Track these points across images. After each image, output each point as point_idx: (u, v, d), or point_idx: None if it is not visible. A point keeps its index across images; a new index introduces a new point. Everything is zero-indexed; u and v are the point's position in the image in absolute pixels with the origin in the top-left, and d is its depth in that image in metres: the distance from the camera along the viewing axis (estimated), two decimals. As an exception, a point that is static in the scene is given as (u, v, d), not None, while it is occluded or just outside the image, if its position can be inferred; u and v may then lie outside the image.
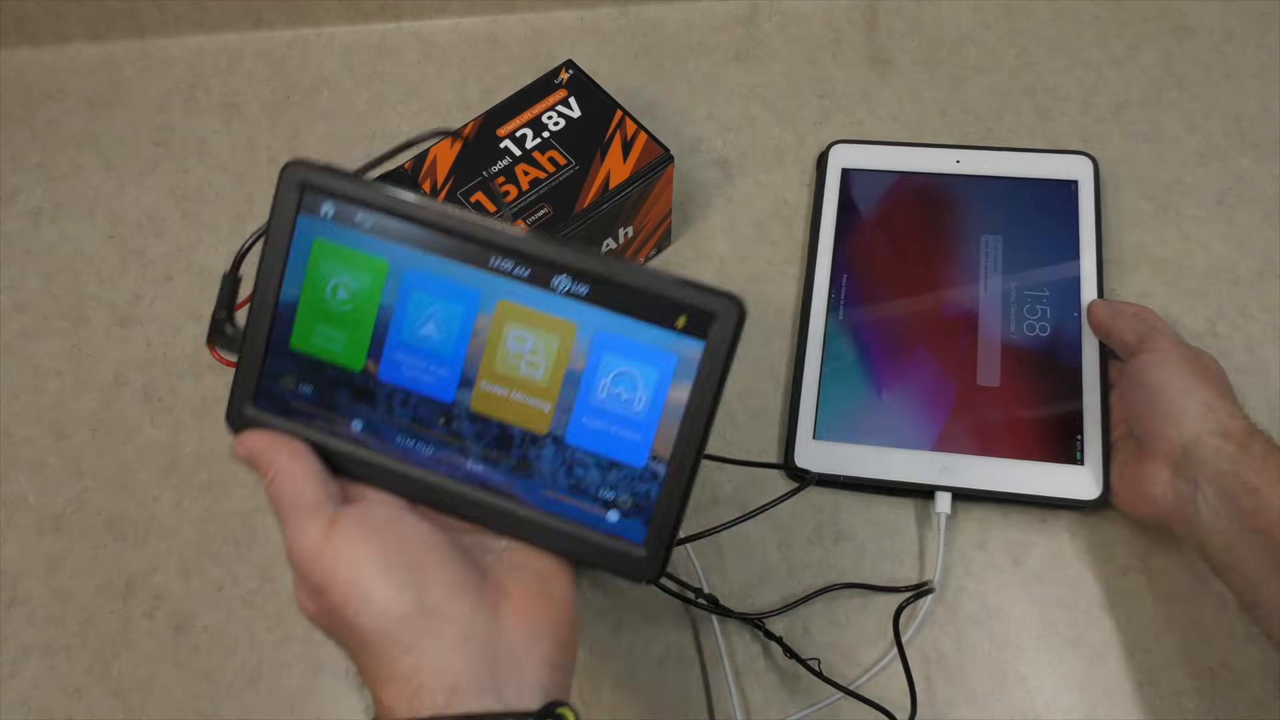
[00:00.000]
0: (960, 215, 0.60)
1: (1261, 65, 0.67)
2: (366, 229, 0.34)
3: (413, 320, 0.35)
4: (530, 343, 0.34)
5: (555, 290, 0.34)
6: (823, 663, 0.50)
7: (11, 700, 0.50)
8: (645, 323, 0.34)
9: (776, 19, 0.70)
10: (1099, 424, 0.53)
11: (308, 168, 0.34)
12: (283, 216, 0.35)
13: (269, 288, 0.35)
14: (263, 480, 0.35)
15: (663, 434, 0.34)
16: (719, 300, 0.33)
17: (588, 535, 0.35)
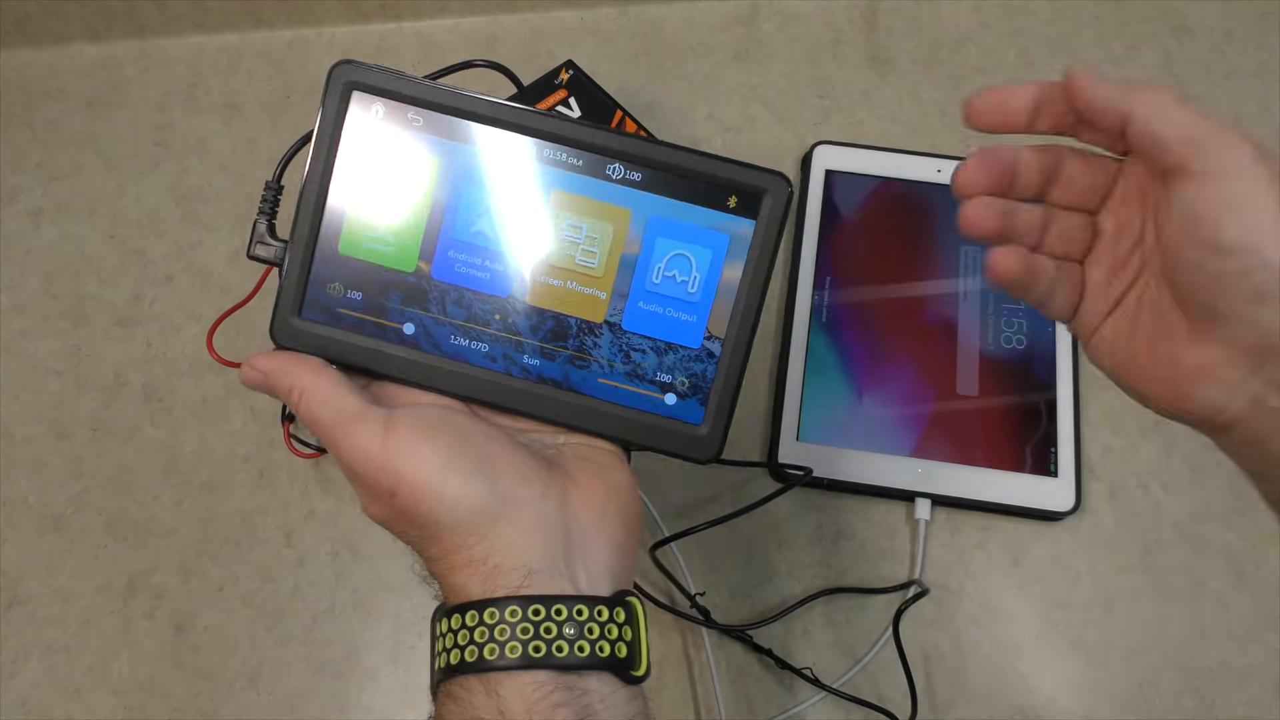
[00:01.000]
0: (940, 224, 0.61)
1: (1261, 65, 0.67)
2: (418, 127, 0.34)
3: (465, 217, 0.35)
4: (585, 231, 0.35)
5: (609, 178, 0.34)
6: (824, 663, 0.50)
7: (11, 700, 0.50)
8: (698, 205, 0.34)
9: (776, 19, 0.70)
10: (1072, 437, 0.54)
11: (356, 66, 0.34)
12: (331, 116, 0.34)
13: (316, 191, 0.35)
14: (289, 403, 0.34)
15: (717, 313, 0.35)
16: (768, 178, 0.34)
17: (648, 419, 0.35)
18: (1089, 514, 0.54)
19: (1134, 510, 0.54)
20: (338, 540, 0.54)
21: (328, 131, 0.34)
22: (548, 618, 0.31)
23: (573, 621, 0.31)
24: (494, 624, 0.30)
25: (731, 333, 0.35)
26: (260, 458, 0.56)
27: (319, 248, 0.35)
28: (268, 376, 0.35)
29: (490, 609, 0.31)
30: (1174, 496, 0.54)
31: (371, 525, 0.54)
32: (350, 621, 0.52)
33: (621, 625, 0.32)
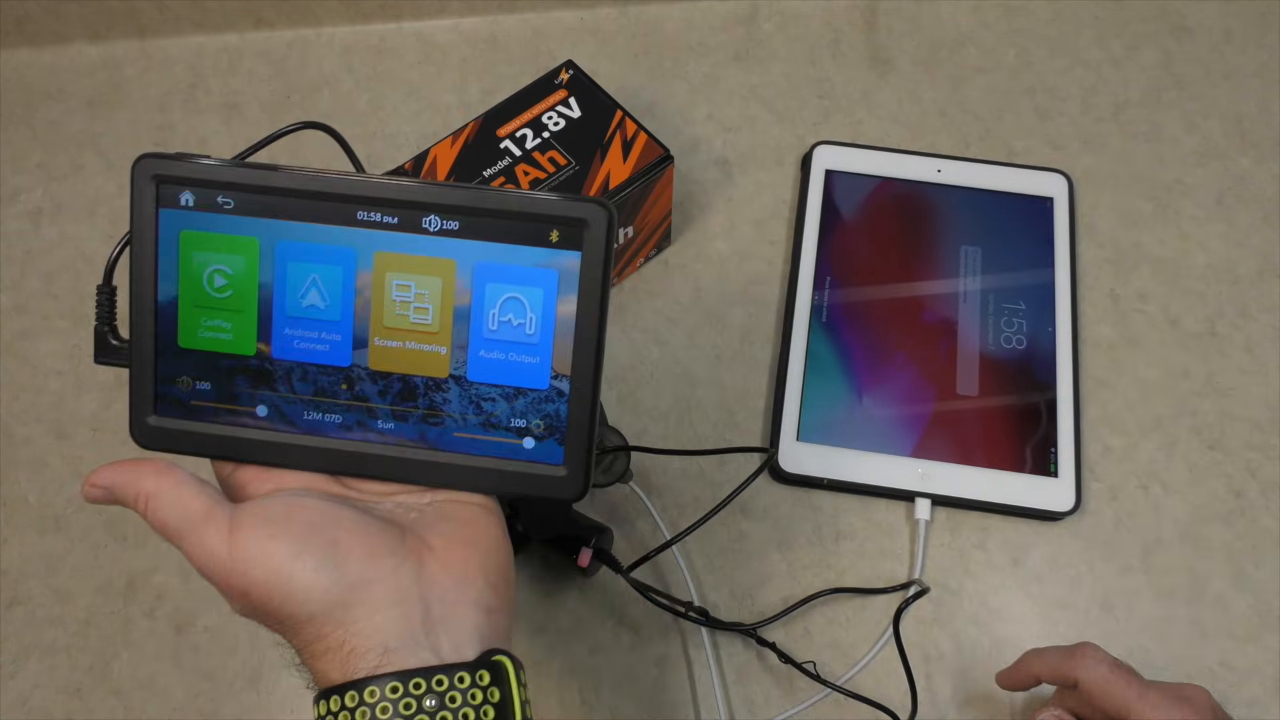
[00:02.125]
0: (940, 224, 0.61)
1: (1261, 65, 0.68)
2: (229, 210, 0.34)
3: (294, 292, 0.34)
4: (414, 288, 0.34)
5: (427, 231, 0.33)
6: (824, 663, 0.50)
7: (11, 700, 0.50)
8: (520, 245, 0.33)
9: (776, 19, 0.70)
10: (1073, 437, 0.54)
11: (156, 159, 0.33)
12: (143, 214, 0.34)
13: (145, 290, 0.34)
14: (136, 509, 0.34)
15: (559, 351, 0.34)
16: (586, 207, 0.33)
17: (510, 466, 0.35)
18: (1089, 514, 0.54)
19: (1134, 510, 0.54)
20: (338, 540, 0.54)
21: (144, 229, 0.34)
22: (406, 693, 0.30)
23: (432, 693, 0.31)
24: (354, 706, 0.30)
25: (578, 367, 0.34)
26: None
27: (160, 345, 0.35)
28: (110, 491, 0.34)
29: (350, 692, 0.31)
30: (1174, 496, 0.54)
31: (371, 525, 0.54)
32: (350, 621, 0.52)
33: (487, 688, 0.31)
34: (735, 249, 0.62)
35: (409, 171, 0.54)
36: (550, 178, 0.53)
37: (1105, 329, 0.59)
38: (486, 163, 0.54)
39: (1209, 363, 0.58)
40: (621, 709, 0.50)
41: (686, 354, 0.58)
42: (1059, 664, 0.43)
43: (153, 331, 0.35)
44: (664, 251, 0.62)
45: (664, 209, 0.58)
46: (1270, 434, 0.56)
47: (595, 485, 0.51)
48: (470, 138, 0.55)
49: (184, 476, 0.34)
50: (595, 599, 0.52)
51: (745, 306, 0.60)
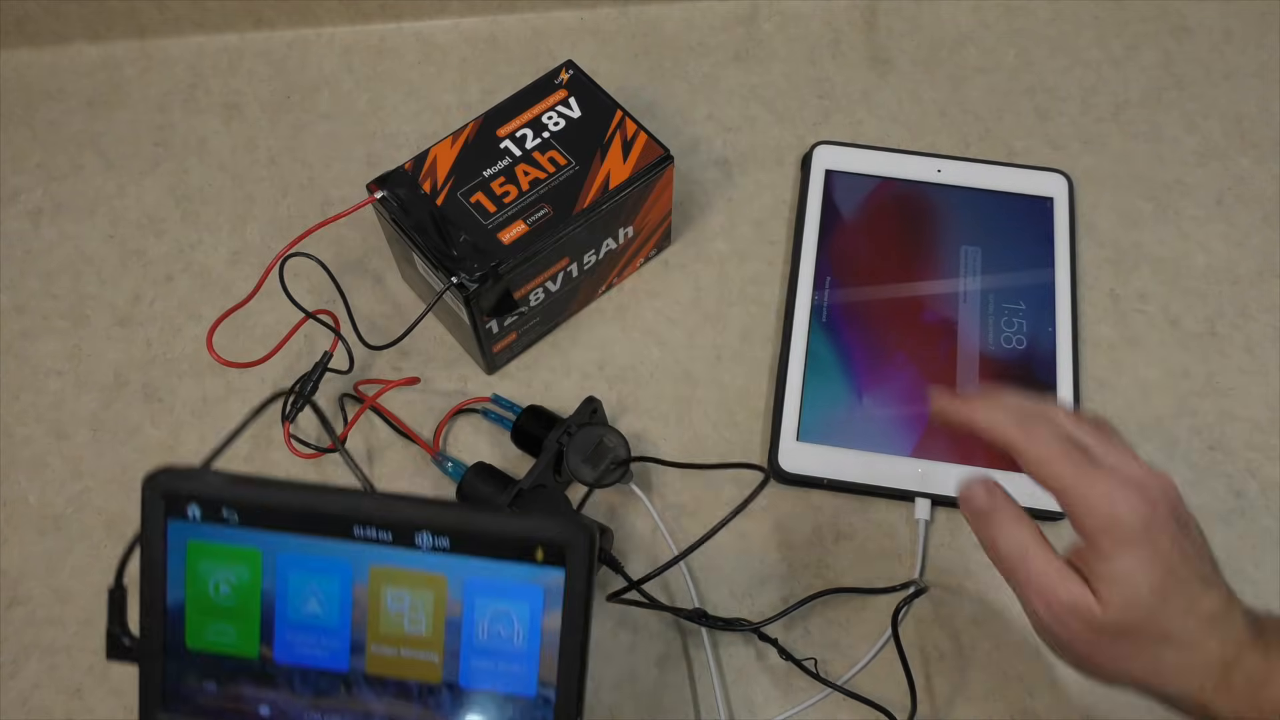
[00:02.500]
0: (940, 224, 0.61)
1: (1261, 65, 0.68)
2: (233, 523, 0.36)
3: (295, 601, 0.36)
4: (407, 600, 0.36)
5: (419, 547, 0.36)
6: (823, 663, 0.50)
7: (11, 700, 0.50)
8: (508, 561, 0.36)
9: (776, 19, 0.70)
10: None
11: (168, 475, 0.36)
12: (153, 526, 0.36)
13: (154, 596, 0.36)
14: None
15: (545, 661, 0.36)
16: (567, 530, 0.35)
17: None
18: (1089, 514, 0.54)
19: (1134, 510, 0.54)
20: (338, 540, 0.54)
21: (154, 539, 0.36)
22: None
23: None
24: None
25: (563, 677, 0.36)
26: (260, 458, 0.56)
27: (168, 646, 0.37)
28: None
29: None
30: (1174, 496, 0.54)
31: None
32: (350, 621, 0.52)
33: None
34: (735, 249, 0.62)
35: (408, 173, 0.54)
36: (550, 178, 0.53)
37: (1105, 329, 0.59)
38: (486, 163, 0.54)
39: (1209, 363, 0.58)
40: (621, 709, 0.50)
41: (686, 354, 0.58)
42: (1007, 428, 0.39)
43: (161, 633, 0.37)
44: (664, 251, 0.62)
45: (664, 209, 0.58)
46: (1270, 434, 0.56)
47: (596, 485, 0.51)
48: (470, 138, 0.55)
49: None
50: (595, 599, 0.52)
51: (745, 306, 0.60)
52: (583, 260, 0.55)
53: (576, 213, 0.53)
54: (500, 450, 0.56)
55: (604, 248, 0.56)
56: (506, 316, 0.54)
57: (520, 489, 0.50)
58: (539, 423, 0.53)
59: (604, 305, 0.60)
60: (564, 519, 0.35)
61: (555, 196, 0.53)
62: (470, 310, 0.51)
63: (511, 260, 0.51)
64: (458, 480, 0.53)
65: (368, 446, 0.56)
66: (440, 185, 0.53)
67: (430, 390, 0.57)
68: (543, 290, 0.55)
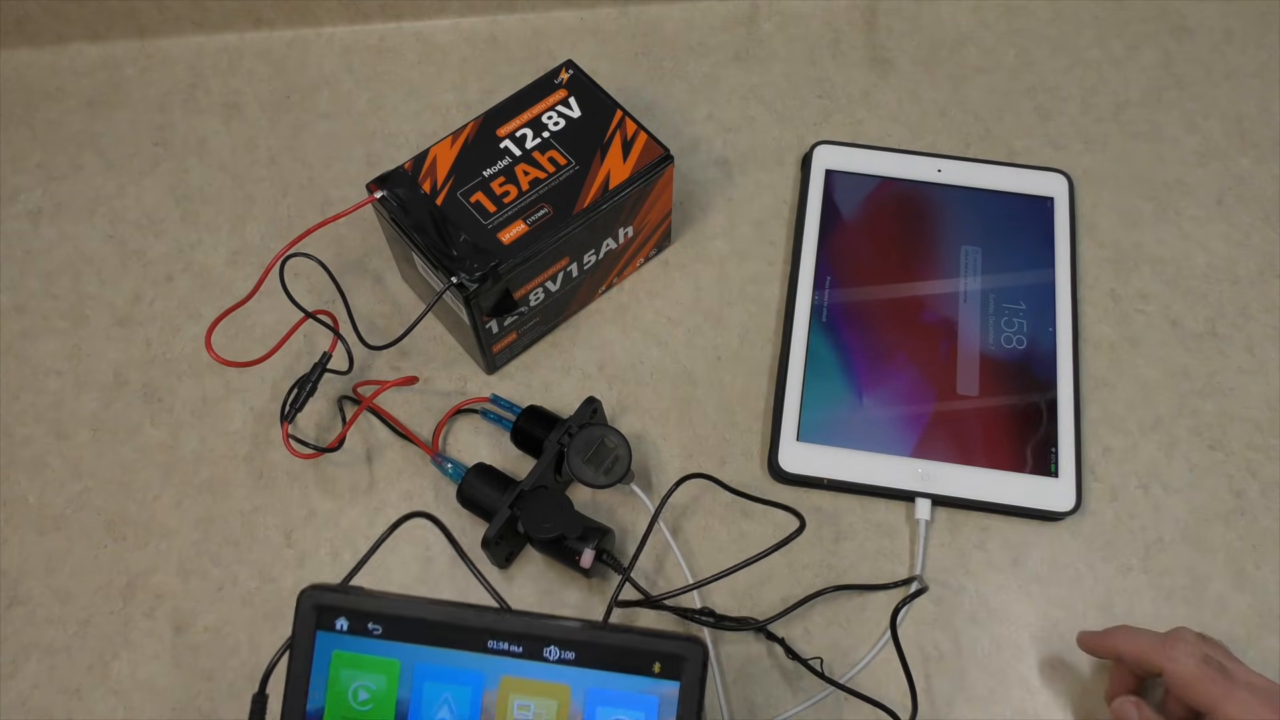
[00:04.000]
0: (940, 224, 0.61)
1: (1261, 65, 0.68)
2: (377, 635, 0.39)
3: (428, 708, 0.39)
4: (533, 709, 0.39)
5: (547, 659, 0.38)
6: (824, 663, 0.50)
7: (11, 700, 0.50)
8: (627, 674, 0.38)
9: (776, 19, 0.70)
10: (1073, 436, 0.54)
11: (320, 591, 0.39)
12: (304, 636, 0.39)
13: (297, 701, 0.39)
14: None
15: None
16: (685, 645, 0.38)
17: None
18: (1089, 514, 0.54)
19: (1134, 510, 0.54)
20: (338, 540, 0.54)
21: (302, 648, 0.39)
22: None
23: None
24: None
25: None
26: (260, 458, 0.56)
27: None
28: None
29: None
30: (1174, 496, 0.54)
31: (372, 525, 0.54)
32: (350, 621, 0.52)
33: None
34: (735, 249, 0.62)
35: (408, 173, 0.54)
36: (550, 178, 0.53)
37: (1105, 329, 0.59)
38: (486, 163, 0.54)
39: (1209, 363, 0.58)
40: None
41: (686, 354, 0.58)
42: (1148, 651, 0.44)
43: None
44: (664, 251, 0.62)
45: (664, 209, 0.58)
46: (1270, 434, 0.56)
47: (595, 486, 0.51)
48: (470, 137, 0.55)
49: None
50: (596, 600, 0.52)
51: (745, 306, 0.60)
52: (583, 260, 0.55)
53: (576, 213, 0.53)
54: (500, 451, 0.56)
55: (604, 248, 0.56)
56: (506, 316, 0.54)
57: (521, 490, 0.50)
58: (539, 423, 0.53)
59: (604, 305, 0.60)
60: (681, 637, 0.38)
61: (555, 196, 0.53)
62: (470, 310, 0.51)
63: (511, 260, 0.51)
64: (458, 481, 0.53)
65: (367, 447, 0.56)
66: (440, 185, 0.53)
67: (429, 390, 0.57)
68: (543, 290, 0.55)
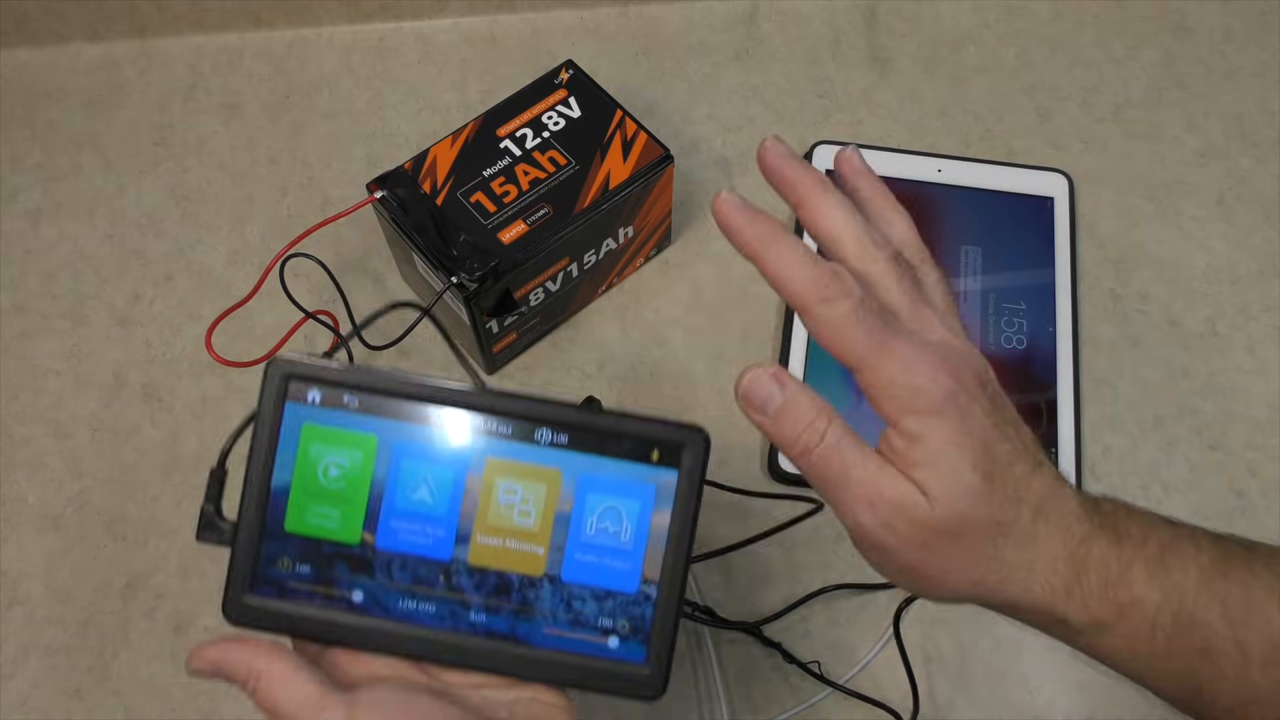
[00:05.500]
0: (940, 225, 0.61)
1: (1261, 65, 0.68)
2: (353, 409, 0.36)
3: (406, 488, 0.37)
4: (520, 493, 0.37)
5: (538, 442, 0.37)
6: (825, 663, 0.50)
7: (11, 700, 0.50)
8: (623, 460, 0.37)
9: (776, 19, 0.70)
10: (1073, 436, 0.54)
11: (293, 362, 0.36)
12: (271, 407, 0.36)
13: (260, 475, 0.37)
14: (244, 688, 0.34)
15: (650, 559, 0.37)
16: (685, 433, 0.36)
17: (594, 664, 0.37)
18: (1089, 514, 0.54)
19: (1134, 510, 0.54)
20: (338, 540, 0.54)
21: (267, 420, 0.36)
22: None
23: None
24: None
25: (665, 576, 0.37)
26: (260, 458, 0.56)
27: (266, 528, 0.37)
28: (219, 666, 0.34)
29: None
30: (1174, 496, 0.54)
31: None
32: (350, 621, 0.52)
33: None
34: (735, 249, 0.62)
35: (408, 173, 0.54)
36: (550, 178, 0.53)
37: (1105, 329, 0.59)
38: (486, 163, 0.54)
39: (1209, 363, 0.58)
40: (622, 709, 0.50)
41: (686, 354, 0.58)
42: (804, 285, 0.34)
43: (261, 514, 0.37)
44: (664, 251, 0.62)
45: (664, 209, 0.58)
46: (1270, 434, 0.56)
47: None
48: (470, 137, 0.55)
49: (297, 660, 0.34)
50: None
51: (745, 306, 0.60)
52: (583, 260, 0.55)
53: (576, 212, 0.53)
54: (500, 450, 0.56)
55: (604, 248, 0.56)
56: (506, 316, 0.54)
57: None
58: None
59: (604, 305, 0.60)
60: (682, 424, 0.36)
61: (555, 196, 0.53)
62: (470, 310, 0.51)
63: (511, 260, 0.51)
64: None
65: (368, 446, 0.56)
66: (440, 185, 0.53)
67: (430, 390, 0.57)
68: (543, 290, 0.55)
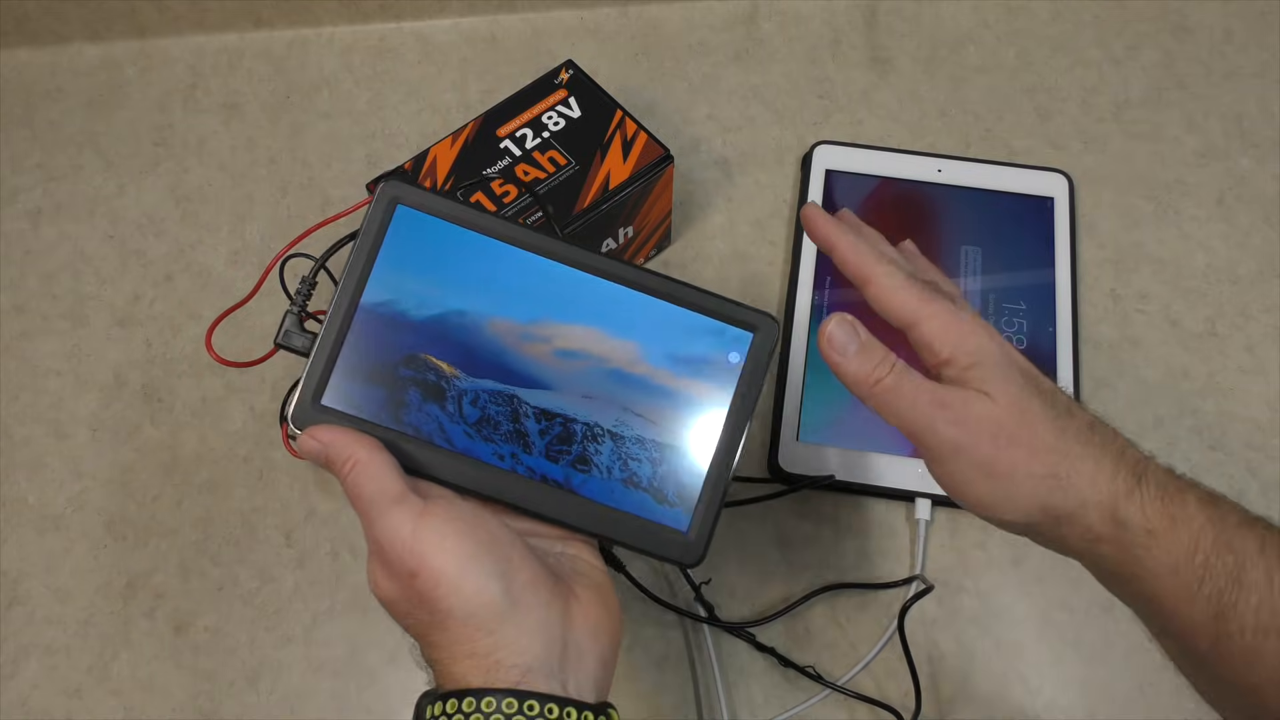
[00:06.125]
0: (940, 224, 0.61)
1: (1262, 65, 0.67)
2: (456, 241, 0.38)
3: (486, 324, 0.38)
4: (591, 355, 0.38)
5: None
6: (824, 663, 0.50)
7: (11, 700, 0.50)
8: (696, 334, 0.38)
9: (776, 19, 0.70)
10: None
11: (401, 181, 0.38)
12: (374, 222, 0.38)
13: (352, 287, 0.38)
14: (338, 472, 0.36)
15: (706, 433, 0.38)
16: (760, 317, 0.39)
17: (638, 523, 0.38)
18: (1089, 514, 0.53)
19: (1134, 510, 0.54)
20: (338, 540, 0.54)
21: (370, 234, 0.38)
22: (540, 714, 0.32)
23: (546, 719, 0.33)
24: (490, 712, 0.32)
25: (718, 450, 0.39)
26: (260, 458, 0.56)
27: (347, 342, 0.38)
28: (327, 447, 0.37)
29: (488, 698, 0.32)
30: (1174, 496, 0.54)
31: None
32: (350, 621, 0.52)
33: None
34: (735, 249, 0.62)
35: (408, 173, 0.54)
36: (550, 177, 0.53)
37: (1105, 329, 0.59)
38: (486, 163, 0.54)
39: (1209, 363, 0.58)
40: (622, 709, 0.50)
41: (686, 354, 0.58)
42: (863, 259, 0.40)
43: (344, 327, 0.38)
44: (664, 251, 0.62)
45: (664, 209, 0.58)
46: (1270, 434, 0.56)
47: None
48: (470, 137, 0.55)
49: (390, 459, 0.36)
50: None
51: (745, 306, 0.60)
52: (583, 260, 0.55)
53: (576, 212, 0.53)
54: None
55: (604, 247, 0.56)
56: (506, 316, 0.54)
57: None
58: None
59: (604, 305, 0.60)
60: (759, 310, 0.39)
61: (555, 196, 0.53)
62: (470, 310, 0.51)
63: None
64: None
65: (368, 446, 0.56)
66: (440, 185, 0.53)
67: (430, 390, 0.57)
68: (543, 290, 0.55)
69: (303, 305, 0.39)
